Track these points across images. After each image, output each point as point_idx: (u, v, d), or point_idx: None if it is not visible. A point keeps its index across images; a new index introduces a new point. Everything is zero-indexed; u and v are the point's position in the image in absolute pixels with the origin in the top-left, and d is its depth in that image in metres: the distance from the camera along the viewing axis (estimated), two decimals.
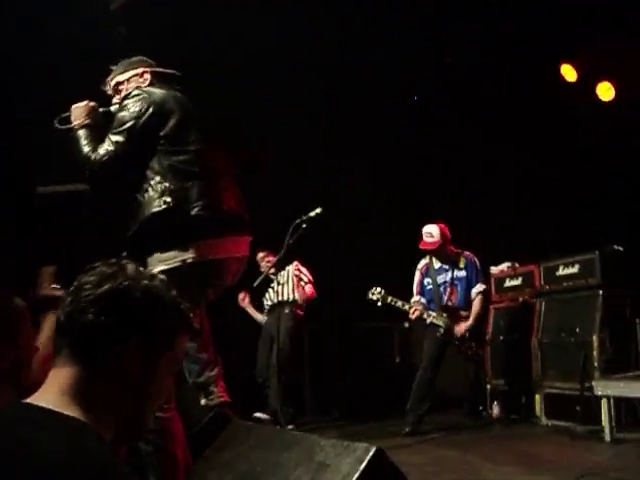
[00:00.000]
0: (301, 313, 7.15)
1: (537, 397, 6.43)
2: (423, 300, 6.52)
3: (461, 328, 6.31)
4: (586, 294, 6.23)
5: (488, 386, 7.04)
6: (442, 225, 6.44)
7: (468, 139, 8.05)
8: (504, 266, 7.32)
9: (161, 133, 3.10)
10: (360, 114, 7.84)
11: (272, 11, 6.54)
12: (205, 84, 6.99)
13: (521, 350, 6.66)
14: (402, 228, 7.16)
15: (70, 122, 3.24)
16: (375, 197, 8.15)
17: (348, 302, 7.51)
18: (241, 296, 7.36)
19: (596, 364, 5.79)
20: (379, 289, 6.50)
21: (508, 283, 7.27)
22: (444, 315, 6.35)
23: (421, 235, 6.44)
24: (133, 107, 3.11)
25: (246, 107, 7.11)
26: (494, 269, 7.43)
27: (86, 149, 3.14)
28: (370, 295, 6.52)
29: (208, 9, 6.45)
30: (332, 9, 6.68)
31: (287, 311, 7.00)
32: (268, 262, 6.93)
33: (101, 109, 3.34)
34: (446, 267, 6.51)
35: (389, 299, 6.43)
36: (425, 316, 6.36)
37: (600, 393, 5.33)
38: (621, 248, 6.26)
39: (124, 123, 3.10)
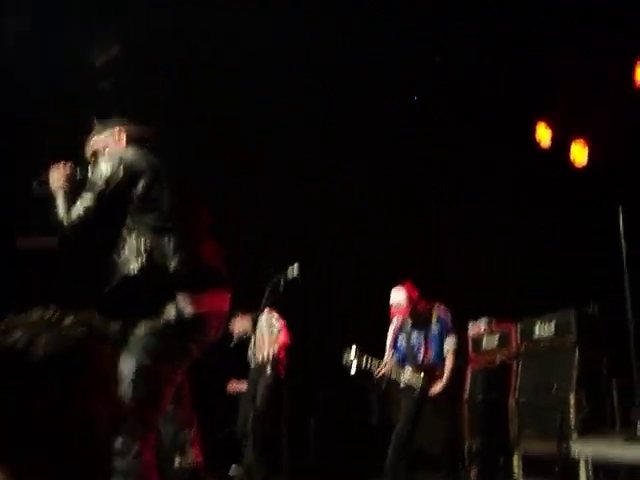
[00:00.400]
0: (281, 368, 7.09)
1: (515, 457, 6.36)
2: (395, 358, 6.49)
3: (436, 389, 6.25)
4: (563, 353, 6.22)
5: (466, 446, 6.96)
6: (408, 287, 6.43)
7: (451, 191, 8.16)
8: (481, 322, 7.31)
9: (133, 194, 3.12)
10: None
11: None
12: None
13: (499, 410, 6.62)
14: (375, 280, 7.17)
15: (48, 184, 3.26)
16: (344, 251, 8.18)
17: (325, 359, 7.45)
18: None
19: (573, 424, 5.76)
20: (354, 347, 6.46)
21: (485, 343, 7.25)
22: (421, 375, 6.31)
23: (390, 306, 6.44)
24: (104, 170, 3.15)
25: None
26: (472, 326, 7.42)
27: (60, 213, 3.19)
28: (345, 355, 6.47)
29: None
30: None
31: (268, 370, 6.98)
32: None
33: (78, 174, 3.38)
34: (419, 325, 6.49)
35: (364, 357, 6.39)
36: (401, 378, 6.34)
37: (577, 454, 5.28)
38: (597, 307, 6.29)
39: (95, 186, 3.14)
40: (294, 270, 5.78)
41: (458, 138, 7.96)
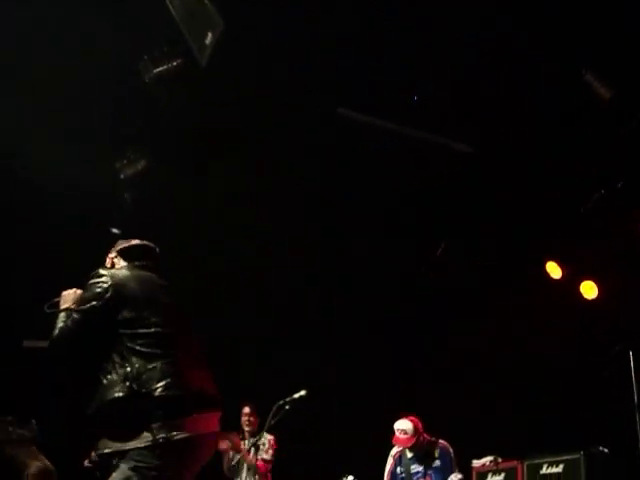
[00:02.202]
0: None
1: None
2: None
3: None
4: None
5: None
6: (414, 419, 6.37)
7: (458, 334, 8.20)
8: (486, 460, 7.12)
9: (120, 316, 3.09)
10: None
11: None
12: None
13: None
14: (377, 415, 7.09)
15: (58, 307, 3.27)
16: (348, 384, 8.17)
17: None
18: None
19: None
20: (350, 478, 6.32)
21: (490, 479, 7.04)
22: None
23: (394, 431, 6.34)
24: (94, 288, 3.14)
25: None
26: (476, 462, 7.23)
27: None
28: None
29: None
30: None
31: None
32: (249, 420, 6.96)
33: None
34: (420, 457, 6.36)
35: None
36: None
37: None
38: (606, 449, 6.16)
39: (82, 304, 3.14)
40: (301, 392, 5.93)
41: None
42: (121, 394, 2.95)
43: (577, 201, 7.02)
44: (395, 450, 6.49)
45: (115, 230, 7.44)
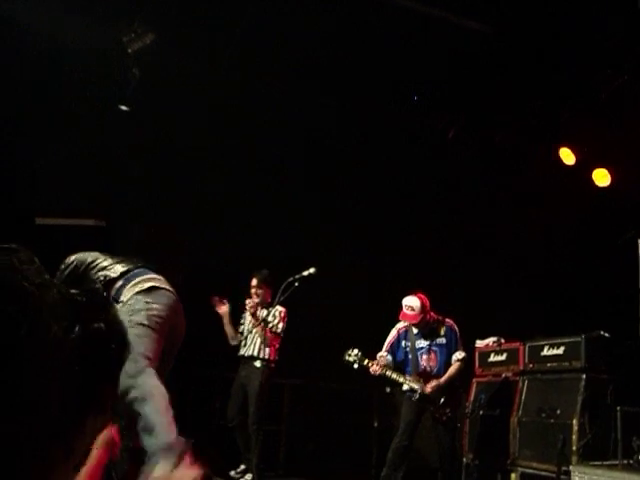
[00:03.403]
0: (272, 366, 6.99)
1: (513, 476, 6.40)
2: (389, 357, 6.45)
3: (431, 387, 6.21)
4: (569, 377, 6.25)
5: (464, 460, 6.99)
6: (422, 296, 6.40)
7: (457, 220, 8.22)
8: (490, 340, 7.34)
9: None
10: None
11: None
12: None
13: (500, 427, 6.64)
14: (385, 294, 7.22)
15: None
16: (359, 263, 8.26)
17: (330, 362, 7.49)
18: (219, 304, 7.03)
19: (574, 448, 5.79)
20: (356, 351, 6.45)
21: (492, 358, 7.28)
22: (420, 380, 6.31)
23: (401, 306, 6.39)
24: None
25: None
26: (479, 343, 7.45)
27: None
28: (346, 357, 6.46)
29: None
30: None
31: (258, 366, 6.87)
32: (257, 293, 6.94)
33: None
34: (425, 334, 6.47)
35: (365, 361, 6.39)
36: (394, 377, 6.33)
37: (577, 479, 5.31)
38: (607, 334, 6.32)
39: None
40: (310, 270, 5.95)
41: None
42: None
43: (596, 88, 6.84)
44: (401, 324, 6.57)
45: (124, 107, 7.34)
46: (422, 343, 6.46)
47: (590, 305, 7.09)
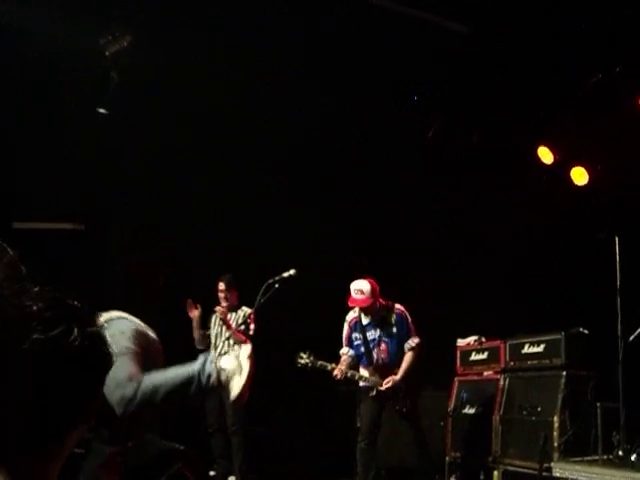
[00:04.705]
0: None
1: (495, 473, 6.44)
2: (351, 352, 6.35)
3: (388, 385, 6.11)
4: (550, 374, 6.31)
5: (447, 458, 7.02)
6: (372, 280, 6.22)
7: (444, 212, 8.24)
8: (471, 339, 7.38)
9: None
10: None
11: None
12: None
13: (482, 425, 6.69)
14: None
15: None
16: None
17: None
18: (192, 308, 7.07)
19: (556, 445, 5.84)
20: (307, 353, 6.33)
21: (474, 357, 7.32)
22: (376, 374, 6.22)
23: (349, 291, 6.21)
24: None
25: None
26: (461, 342, 7.49)
27: None
28: (298, 360, 6.33)
29: None
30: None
31: None
32: (225, 296, 7.09)
33: None
34: (375, 323, 6.30)
35: (318, 363, 6.27)
36: (356, 378, 6.24)
37: (559, 475, 5.36)
38: (586, 331, 6.37)
39: None
40: (290, 272, 5.91)
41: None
42: None
43: (574, 85, 6.90)
44: (351, 316, 6.41)
45: (102, 110, 7.29)
46: (373, 334, 6.28)
47: (569, 302, 7.14)
